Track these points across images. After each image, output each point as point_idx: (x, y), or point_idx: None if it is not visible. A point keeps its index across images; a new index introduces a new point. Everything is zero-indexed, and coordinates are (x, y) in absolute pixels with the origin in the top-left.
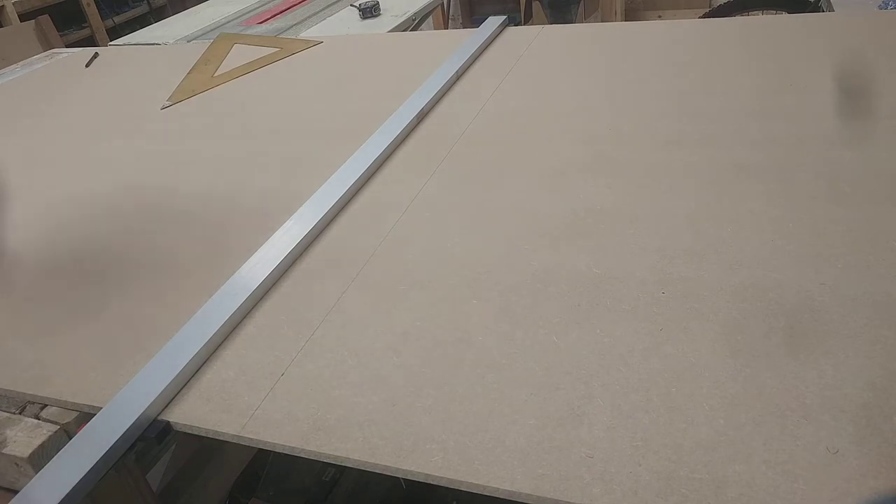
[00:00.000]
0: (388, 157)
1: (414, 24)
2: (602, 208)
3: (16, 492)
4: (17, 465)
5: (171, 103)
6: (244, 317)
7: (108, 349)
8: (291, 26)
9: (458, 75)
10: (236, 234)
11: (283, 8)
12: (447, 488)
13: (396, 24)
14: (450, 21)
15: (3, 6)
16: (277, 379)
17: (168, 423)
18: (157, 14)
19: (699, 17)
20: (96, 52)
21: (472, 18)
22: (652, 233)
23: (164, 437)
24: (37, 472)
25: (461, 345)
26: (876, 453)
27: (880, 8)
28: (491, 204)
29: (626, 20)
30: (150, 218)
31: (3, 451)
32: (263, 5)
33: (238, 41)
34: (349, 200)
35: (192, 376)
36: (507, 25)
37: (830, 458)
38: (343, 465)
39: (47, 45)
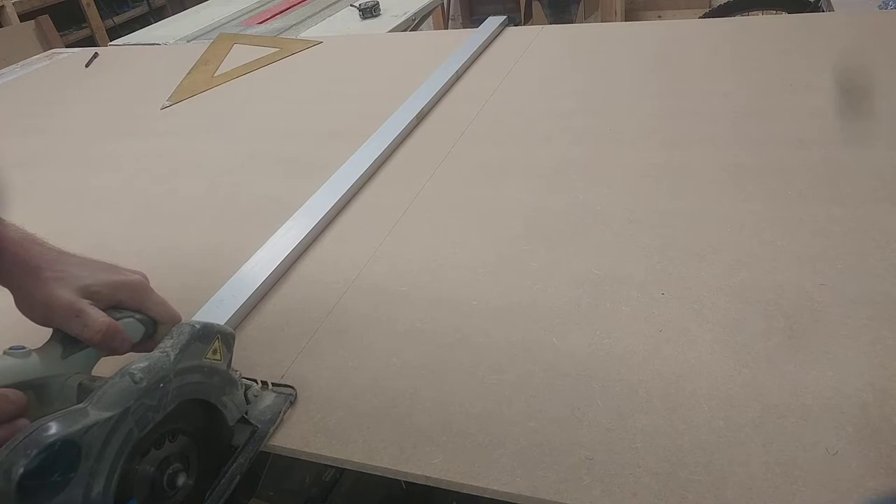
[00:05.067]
0: (387, 158)
1: (414, 24)
2: (602, 208)
3: None
4: None
5: (171, 103)
6: (244, 318)
7: None
8: (291, 26)
9: (458, 75)
10: (235, 236)
11: (283, 8)
12: (447, 489)
13: (396, 24)
14: (450, 21)
15: (3, 6)
16: (278, 381)
17: None
18: (157, 14)
19: (699, 17)
20: (96, 52)
21: (472, 18)
22: (652, 233)
23: None
24: None
25: (461, 346)
26: (875, 454)
27: (880, 8)
28: (491, 204)
29: (626, 20)
30: (149, 217)
31: None
32: (263, 5)
33: (238, 41)
34: (349, 201)
35: None
36: (507, 25)
37: (830, 459)
38: (343, 467)
39: (47, 45)
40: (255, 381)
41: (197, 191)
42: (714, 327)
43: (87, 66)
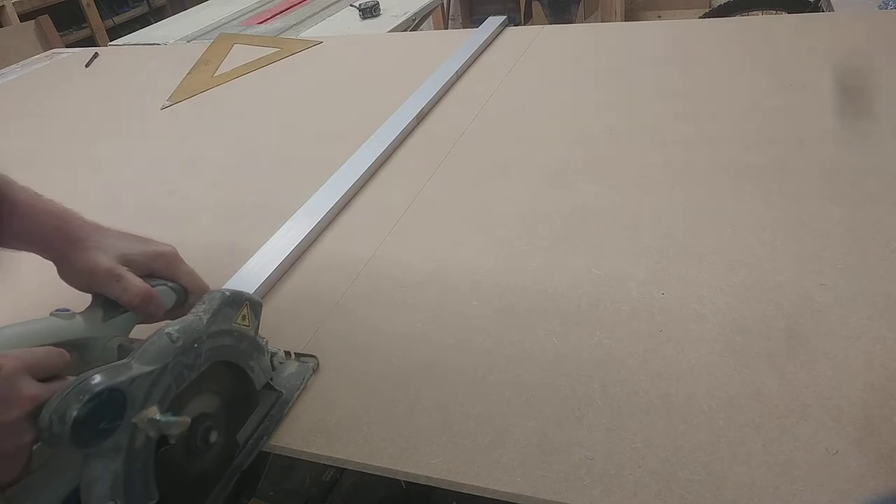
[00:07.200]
0: (387, 158)
1: (414, 24)
2: (602, 208)
3: None
4: None
5: (171, 103)
6: None
7: None
8: (291, 26)
9: (458, 75)
10: (235, 236)
11: (283, 8)
12: (447, 489)
13: (396, 24)
14: (450, 21)
15: (3, 6)
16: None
17: None
18: (157, 14)
19: (699, 17)
20: (96, 52)
21: (472, 18)
22: (652, 233)
23: None
24: None
25: (461, 346)
26: (875, 454)
27: (880, 8)
28: (491, 204)
29: (625, 20)
30: (149, 218)
31: None
32: (263, 5)
33: (238, 41)
34: (349, 201)
35: None
36: (507, 25)
37: (830, 459)
38: (344, 467)
39: (47, 45)
40: (279, 350)
41: (197, 191)
42: (713, 327)
43: (87, 66)
